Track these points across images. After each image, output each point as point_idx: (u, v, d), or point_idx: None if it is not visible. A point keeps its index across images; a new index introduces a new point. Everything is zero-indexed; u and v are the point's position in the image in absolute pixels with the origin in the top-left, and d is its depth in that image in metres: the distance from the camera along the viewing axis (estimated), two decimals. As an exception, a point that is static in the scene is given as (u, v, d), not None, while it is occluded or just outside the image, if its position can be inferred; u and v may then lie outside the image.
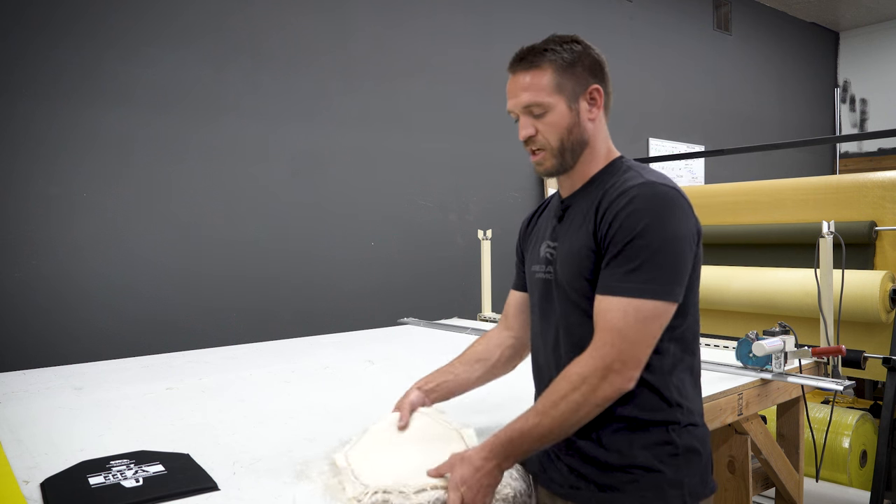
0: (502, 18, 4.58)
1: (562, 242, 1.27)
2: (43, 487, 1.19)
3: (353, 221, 3.82)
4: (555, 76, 1.22)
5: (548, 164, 1.26)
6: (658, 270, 1.11)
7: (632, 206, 1.13)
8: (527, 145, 1.27)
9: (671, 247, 1.12)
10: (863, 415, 2.96)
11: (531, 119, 1.24)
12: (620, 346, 1.10)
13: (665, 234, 1.12)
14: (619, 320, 1.10)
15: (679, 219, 1.14)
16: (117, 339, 2.96)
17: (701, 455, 1.21)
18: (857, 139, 7.55)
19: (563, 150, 1.25)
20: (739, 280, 2.97)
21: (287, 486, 1.21)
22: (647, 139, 5.68)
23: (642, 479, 1.16)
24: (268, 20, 3.51)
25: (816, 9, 7.06)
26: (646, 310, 1.10)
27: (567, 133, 1.24)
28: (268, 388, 1.98)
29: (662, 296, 1.11)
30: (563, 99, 1.23)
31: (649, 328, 1.11)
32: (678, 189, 1.18)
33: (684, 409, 1.20)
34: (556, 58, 1.23)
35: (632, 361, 1.11)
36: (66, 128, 2.90)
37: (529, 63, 1.24)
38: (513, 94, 1.26)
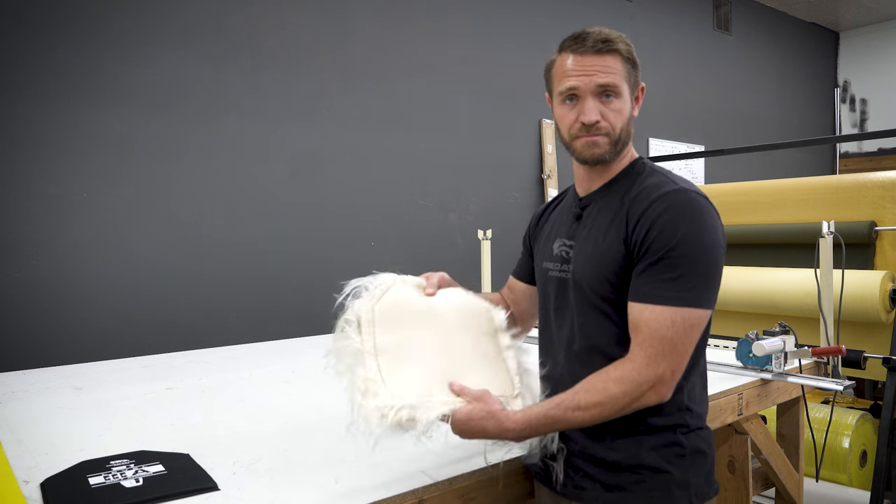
0: (502, 19, 4.58)
1: (581, 242, 1.25)
2: (43, 487, 1.19)
3: (353, 221, 3.82)
4: (625, 65, 1.22)
5: (602, 150, 1.22)
6: (699, 279, 1.12)
7: (669, 213, 1.13)
8: (587, 128, 1.21)
9: (708, 255, 1.13)
10: (863, 415, 2.96)
11: (598, 103, 1.21)
12: (670, 355, 1.11)
13: (703, 243, 1.13)
14: (668, 329, 1.11)
15: (713, 227, 1.15)
16: (117, 339, 2.96)
17: (707, 456, 1.22)
18: (857, 139, 7.56)
19: (619, 140, 1.23)
20: (739, 280, 2.97)
21: (284, 485, 1.21)
22: (647, 139, 5.68)
23: (650, 479, 1.16)
24: (268, 20, 3.50)
25: (816, 9, 7.06)
26: (691, 318, 1.12)
27: (626, 123, 1.24)
28: (268, 388, 1.98)
29: (704, 304, 1.13)
30: (628, 88, 1.23)
31: (692, 337, 1.13)
32: (706, 196, 1.19)
33: (693, 412, 1.21)
34: (624, 49, 1.23)
35: (678, 372, 1.13)
36: (66, 128, 2.90)
37: (605, 45, 1.21)
38: (583, 72, 1.20)
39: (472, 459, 1.30)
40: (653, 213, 1.14)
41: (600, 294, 1.20)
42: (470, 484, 1.26)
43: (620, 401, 1.11)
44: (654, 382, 1.11)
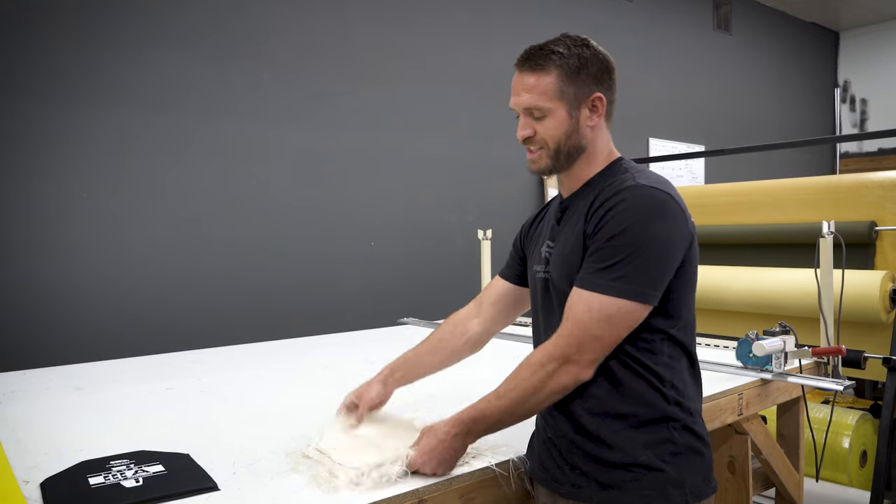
0: (502, 19, 4.58)
1: (558, 243, 1.29)
2: (43, 487, 1.19)
3: (353, 221, 3.82)
4: (558, 81, 1.22)
5: (542, 164, 1.27)
6: (632, 270, 1.11)
7: (619, 206, 1.14)
8: (524, 143, 1.28)
9: (651, 249, 1.12)
10: (863, 415, 2.96)
11: (531, 120, 1.25)
12: (580, 337, 1.13)
13: (646, 236, 1.12)
14: (584, 313, 1.13)
15: (666, 222, 1.14)
16: (117, 339, 2.96)
17: (703, 454, 1.22)
18: (857, 139, 7.55)
19: (558, 153, 1.25)
20: (740, 280, 2.97)
21: (284, 485, 1.21)
22: (647, 139, 5.68)
23: (644, 477, 1.16)
24: (268, 20, 3.51)
25: (816, 9, 7.06)
26: (611, 308, 1.12)
27: (565, 138, 1.24)
28: (268, 388, 1.98)
29: (632, 296, 1.12)
30: (563, 105, 1.23)
31: (612, 326, 1.13)
32: (671, 193, 1.18)
33: (683, 407, 1.20)
34: (562, 62, 1.22)
35: (589, 353, 1.13)
36: (66, 128, 2.90)
37: (535, 64, 1.23)
38: (516, 92, 1.26)
39: (471, 460, 1.30)
40: (606, 207, 1.16)
41: (568, 292, 1.21)
42: (470, 484, 1.25)
43: (530, 381, 1.15)
44: (560, 361, 1.13)
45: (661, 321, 1.18)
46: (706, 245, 3.28)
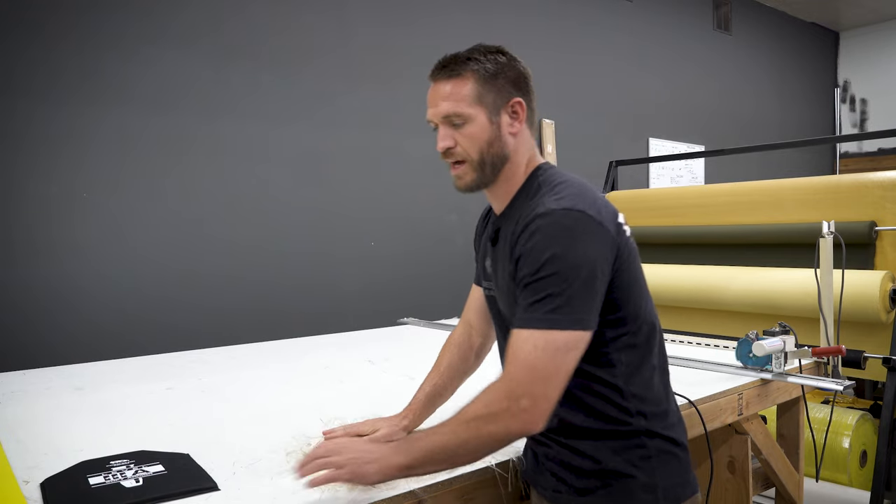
0: (502, 19, 4.58)
1: (497, 271, 1.26)
2: (43, 487, 1.19)
3: (353, 221, 3.82)
4: (476, 86, 1.19)
5: (468, 179, 1.22)
6: (564, 301, 1.06)
7: (534, 239, 1.10)
8: (445, 157, 1.23)
9: (576, 274, 1.07)
10: (863, 415, 2.96)
11: (450, 130, 1.20)
12: (534, 382, 1.05)
13: (568, 263, 1.07)
14: (530, 353, 1.05)
15: (583, 242, 1.08)
16: (118, 339, 2.96)
17: (677, 456, 1.19)
18: (857, 139, 7.56)
19: (482, 164, 1.21)
20: (739, 280, 2.97)
21: (284, 485, 1.21)
22: (648, 139, 5.68)
23: (615, 483, 1.15)
24: (268, 20, 3.51)
25: (816, 9, 7.07)
26: (558, 341, 1.06)
27: (487, 146, 1.20)
28: (268, 388, 1.98)
29: (574, 325, 1.06)
30: (483, 110, 1.19)
31: (562, 360, 1.06)
32: (583, 209, 1.11)
33: (649, 414, 1.17)
34: (478, 68, 1.19)
35: (547, 398, 1.05)
36: (66, 128, 2.90)
37: (451, 71, 1.20)
38: (432, 102, 1.22)
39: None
40: (523, 239, 1.12)
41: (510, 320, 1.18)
42: (469, 484, 1.26)
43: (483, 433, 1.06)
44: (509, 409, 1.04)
45: (611, 331, 1.15)
46: (706, 245, 3.28)
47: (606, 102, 5.26)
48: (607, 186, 3.86)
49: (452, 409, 1.45)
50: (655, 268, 3.27)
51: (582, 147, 5.04)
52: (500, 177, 1.23)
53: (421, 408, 1.46)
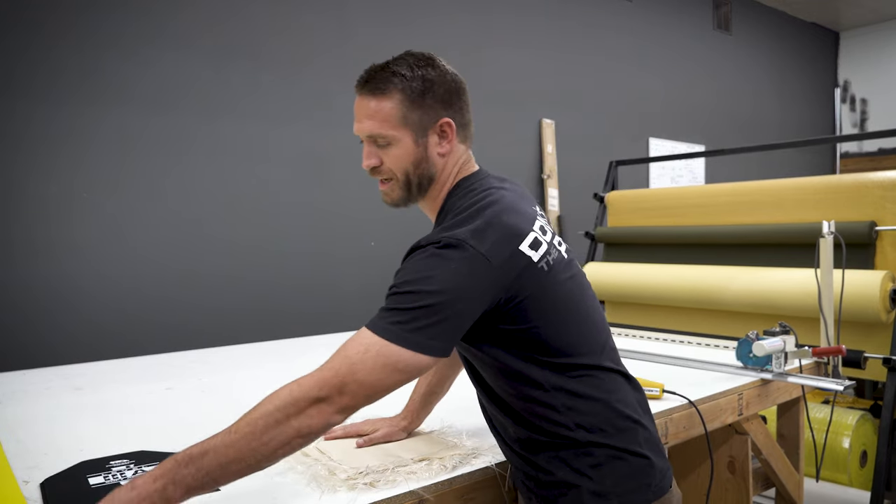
0: (502, 19, 4.57)
1: None
2: (43, 487, 1.19)
3: (353, 221, 3.82)
4: (401, 107, 1.14)
5: (394, 196, 1.21)
6: (410, 317, 1.01)
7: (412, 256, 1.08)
8: (372, 174, 1.21)
9: (432, 298, 1.01)
10: (863, 415, 2.96)
11: (375, 148, 1.18)
12: (345, 378, 0.99)
13: (428, 285, 1.02)
14: (357, 354, 1.01)
15: (451, 272, 1.02)
16: (117, 339, 2.96)
17: (629, 461, 1.14)
18: (857, 139, 7.56)
19: (409, 184, 1.18)
20: (739, 280, 2.97)
21: (284, 485, 1.21)
22: (648, 139, 5.68)
23: (569, 492, 1.14)
24: (268, 20, 3.51)
25: (816, 9, 7.07)
26: (387, 353, 1.00)
27: (413, 167, 1.17)
28: (268, 388, 1.97)
29: (410, 345, 1.00)
30: (408, 132, 1.15)
31: (385, 375, 1.00)
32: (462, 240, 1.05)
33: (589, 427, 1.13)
34: (404, 86, 1.14)
35: (348, 397, 0.99)
36: (66, 128, 2.90)
37: (375, 87, 1.15)
38: (357, 118, 1.18)
39: (472, 460, 1.31)
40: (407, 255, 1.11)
41: None
42: (470, 484, 1.26)
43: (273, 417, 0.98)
44: (317, 400, 0.98)
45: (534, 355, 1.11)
46: (706, 245, 3.28)
47: (606, 102, 5.26)
48: (607, 186, 3.86)
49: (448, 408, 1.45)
50: (655, 268, 3.27)
51: (582, 147, 5.04)
52: (428, 195, 1.22)
53: (418, 408, 1.47)
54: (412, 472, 1.23)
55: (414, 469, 1.24)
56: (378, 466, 1.23)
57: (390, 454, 1.31)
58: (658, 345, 2.60)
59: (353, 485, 1.17)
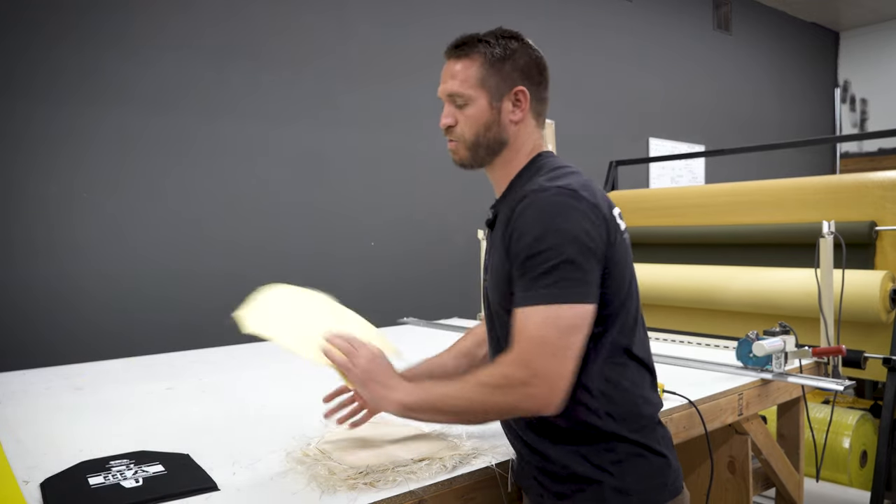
0: (502, 19, 4.56)
1: (490, 253, 1.25)
2: (43, 487, 1.19)
3: (353, 221, 3.82)
4: (481, 70, 1.20)
5: (461, 155, 1.25)
6: (562, 274, 1.05)
7: (525, 214, 1.10)
8: (445, 133, 1.26)
9: (572, 248, 1.06)
10: (863, 415, 2.96)
11: (453, 108, 1.23)
12: (542, 357, 1.04)
13: (561, 236, 1.06)
14: (537, 329, 1.04)
15: (575, 218, 1.07)
16: (117, 339, 2.96)
17: (649, 459, 1.15)
18: (857, 139, 7.56)
19: (476, 146, 1.22)
20: (739, 280, 2.97)
21: (284, 485, 1.21)
22: (648, 139, 5.67)
23: (587, 488, 1.14)
24: (268, 20, 3.50)
25: (816, 9, 7.07)
26: (564, 316, 1.04)
27: (484, 129, 1.21)
28: (268, 388, 1.98)
29: (576, 298, 1.05)
30: (485, 94, 1.20)
31: (571, 336, 1.05)
32: (575, 188, 1.11)
33: (617, 416, 1.14)
34: (486, 51, 1.20)
35: (559, 374, 1.04)
36: (66, 128, 2.90)
37: (461, 51, 1.22)
38: (443, 79, 1.24)
39: (472, 460, 1.31)
40: (515, 217, 1.12)
41: (502, 304, 1.18)
42: (470, 484, 1.26)
43: (492, 401, 1.07)
44: (523, 384, 1.04)
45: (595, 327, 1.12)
46: (706, 245, 3.28)
47: (606, 102, 5.26)
48: (607, 186, 3.86)
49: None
50: (655, 268, 3.27)
51: (582, 147, 5.04)
52: (498, 160, 1.25)
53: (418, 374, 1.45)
54: (412, 472, 1.22)
55: (414, 469, 1.23)
56: (378, 466, 1.23)
57: (390, 454, 1.31)
58: (658, 345, 2.60)
59: (353, 485, 1.17)
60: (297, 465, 1.28)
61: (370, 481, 1.18)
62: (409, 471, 1.22)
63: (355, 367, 1.17)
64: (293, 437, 1.44)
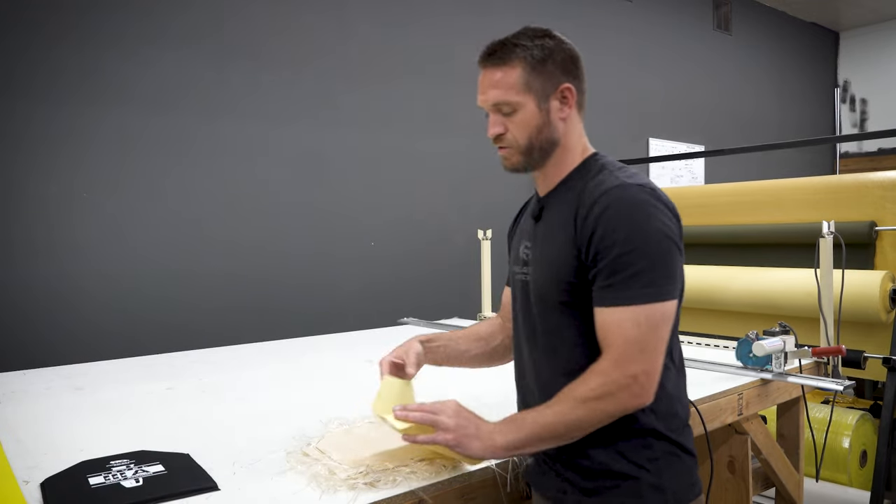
0: (502, 18, 4.57)
1: (539, 245, 1.25)
2: (43, 487, 1.19)
3: (353, 221, 3.82)
4: (524, 74, 1.20)
5: (514, 161, 1.25)
6: (655, 272, 1.09)
7: (610, 211, 1.11)
8: (495, 142, 1.26)
9: (658, 247, 1.09)
10: (863, 415, 2.96)
11: (500, 117, 1.23)
12: (641, 356, 1.08)
13: (649, 236, 1.09)
14: (634, 329, 1.08)
15: (658, 219, 1.11)
16: (118, 339, 2.96)
17: (682, 458, 1.19)
18: (857, 139, 7.56)
19: (531, 149, 1.23)
20: (739, 280, 2.97)
21: (284, 485, 1.21)
22: (647, 139, 5.67)
23: (623, 484, 1.14)
24: (268, 20, 3.51)
25: (816, 9, 7.07)
26: (657, 314, 1.08)
27: (536, 132, 1.21)
28: (268, 388, 1.98)
29: (666, 296, 1.09)
30: (532, 98, 1.20)
31: (661, 333, 1.10)
32: (653, 187, 1.15)
33: (658, 413, 1.16)
34: (525, 55, 1.20)
35: (654, 371, 1.09)
36: (66, 128, 2.90)
37: (499, 59, 1.21)
38: (482, 90, 1.24)
39: (472, 460, 1.30)
40: (595, 213, 1.12)
41: (557, 297, 1.18)
42: (470, 484, 1.26)
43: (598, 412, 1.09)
44: (627, 385, 1.07)
45: None
46: (706, 245, 3.28)
47: (606, 102, 5.26)
48: (607, 186, 3.86)
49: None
50: (655, 268, 3.27)
51: (582, 147, 5.03)
52: (550, 160, 1.25)
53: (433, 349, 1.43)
54: (412, 472, 1.22)
55: (414, 469, 1.23)
56: (378, 466, 1.23)
57: (390, 454, 1.31)
58: (658, 345, 2.59)
59: (353, 485, 1.17)
60: (297, 465, 1.28)
61: (370, 481, 1.18)
62: (409, 471, 1.22)
63: (445, 432, 1.14)
64: (293, 437, 1.44)
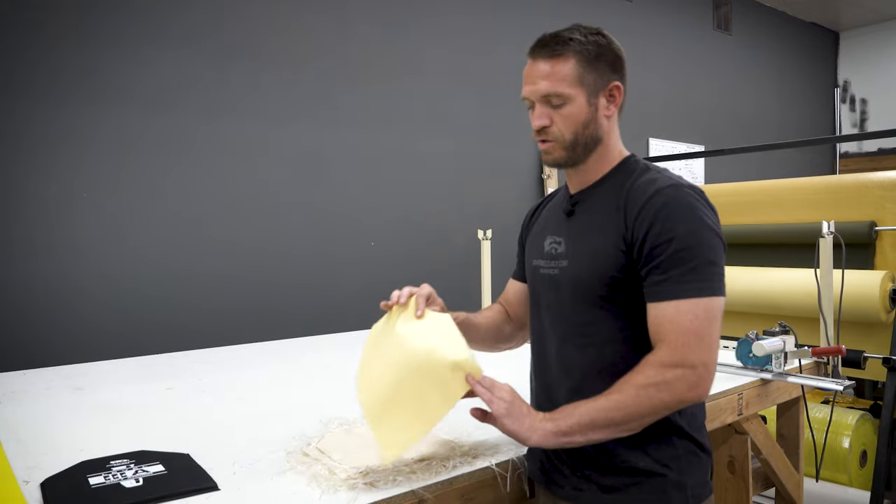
0: (502, 18, 4.57)
1: (574, 239, 1.24)
2: (43, 487, 1.19)
3: (353, 221, 3.82)
4: (578, 68, 1.20)
5: (556, 155, 1.23)
6: (710, 268, 1.11)
7: (667, 209, 1.13)
8: (538, 134, 1.24)
9: (711, 245, 1.12)
10: (863, 415, 2.96)
11: (548, 109, 1.21)
12: (699, 348, 1.08)
13: (704, 234, 1.12)
14: (692, 322, 1.09)
15: (710, 218, 1.15)
16: (118, 339, 2.96)
17: (701, 457, 1.21)
18: (857, 139, 7.55)
19: (575, 144, 1.22)
20: (739, 280, 2.97)
21: (284, 485, 1.21)
22: (647, 139, 5.68)
23: (645, 482, 1.16)
24: (268, 20, 3.50)
25: (816, 9, 7.06)
26: (713, 308, 1.11)
27: (583, 128, 1.21)
28: (268, 388, 1.98)
29: (719, 292, 1.12)
30: (583, 92, 1.20)
31: (716, 327, 1.12)
32: (700, 191, 1.19)
33: (682, 412, 1.18)
34: (580, 49, 1.20)
35: (711, 364, 1.10)
36: (66, 128, 2.90)
37: (552, 51, 1.21)
38: (531, 80, 1.22)
39: (472, 460, 1.31)
40: (651, 210, 1.14)
41: (598, 290, 1.18)
42: (470, 484, 1.26)
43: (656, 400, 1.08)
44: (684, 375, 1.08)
45: None
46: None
47: (606, 102, 5.25)
48: (607, 186, 3.86)
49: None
50: (655, 268, 3.27)
51: (582, 147, 5.04)
52: (591, 157, 1.25)
53: None
54: (412, 472, 1.23)
55: (414, 469, 1.24)
56: (378, 466, 1.23)
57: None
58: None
59: (353, 485, 1.17)
60: (297, 465, 1.28)
61: (370, 481, 1.18)
62: (409, 471, 1.23)
63: (502, 400, 1.13)
64: (293, 437, 1.44)
